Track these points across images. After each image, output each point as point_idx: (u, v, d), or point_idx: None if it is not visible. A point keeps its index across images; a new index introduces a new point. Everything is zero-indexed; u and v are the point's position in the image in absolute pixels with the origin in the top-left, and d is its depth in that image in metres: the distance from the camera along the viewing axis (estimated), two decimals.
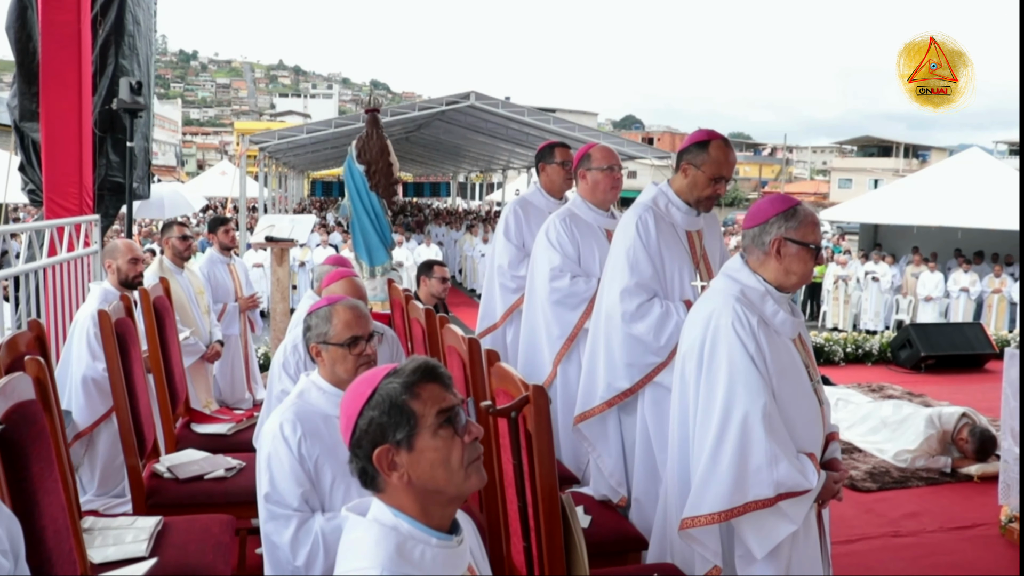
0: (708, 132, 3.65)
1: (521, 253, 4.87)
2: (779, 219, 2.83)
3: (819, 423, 2.88)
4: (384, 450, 1.66)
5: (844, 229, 32.73)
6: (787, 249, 2.81)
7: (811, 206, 3.75)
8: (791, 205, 2.87)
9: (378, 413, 1.67)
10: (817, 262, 2.88)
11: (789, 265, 2.83)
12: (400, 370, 1.73)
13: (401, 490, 1.68)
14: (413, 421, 1.67)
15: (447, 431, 1.68)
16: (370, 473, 1.69)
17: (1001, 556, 4.85)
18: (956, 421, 6.30)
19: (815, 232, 2.84)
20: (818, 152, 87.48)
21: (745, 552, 2.79)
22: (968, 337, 10.16)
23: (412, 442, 1.66)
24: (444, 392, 1.71)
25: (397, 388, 1.68)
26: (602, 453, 3.81)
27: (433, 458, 1.67)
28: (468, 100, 21.58)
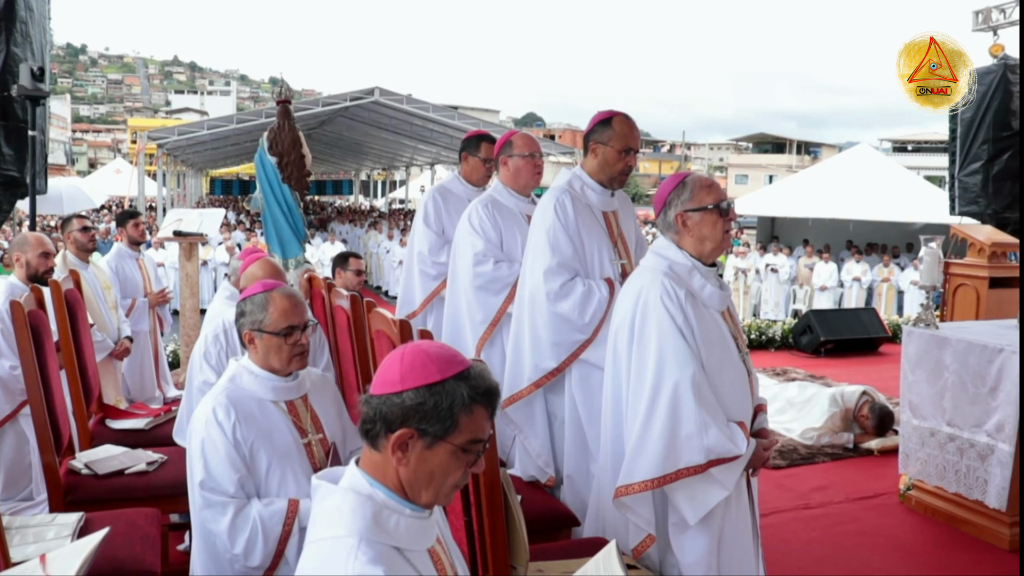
0: (609, 111, 3.77)
1: (441, 240, 4.89)
2: (673, 196, 2.97)
3: (748, 393, 3.00)
4: (408, 432, 1.65)
5: (742, 223, 33.67)
6: (691, 219, 2.93)
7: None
8: (680, 180, 3.00)
9: (432, 403, 1.66)
10: (729, 219, 2.97)
11: (700, 233, 2.94)
12: (471, 378, 1.70)
13: (391, 466, 1.68)
14: (451, 432, 1.67)
15: (466, 458, 1.70)
16: (378, 433, 1.68)
17: (901, 521, 5.12)
18: (857, 399, 6.60)
19: (710, 193, 2.94)
20: (715, 149, 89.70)
21: (678, 520, 2.88)
22: (864, 322, 10.62)
23: (434, 444, 1.67)
24: (487, 424, 1.73)
25: (463, 396, 1.67)
26: (529, 435, 3.86)
27: (437, 468, 1.68)
28: (372, 96, 21.41)
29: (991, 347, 4.72)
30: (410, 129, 26.28)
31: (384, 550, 1.61)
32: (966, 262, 9.13)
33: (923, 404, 5.11)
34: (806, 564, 4.48)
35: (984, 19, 10.98)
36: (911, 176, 22.93)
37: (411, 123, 25.06)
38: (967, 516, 4.93)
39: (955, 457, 4.94)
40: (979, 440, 4.79)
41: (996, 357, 4.69)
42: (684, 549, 2.89)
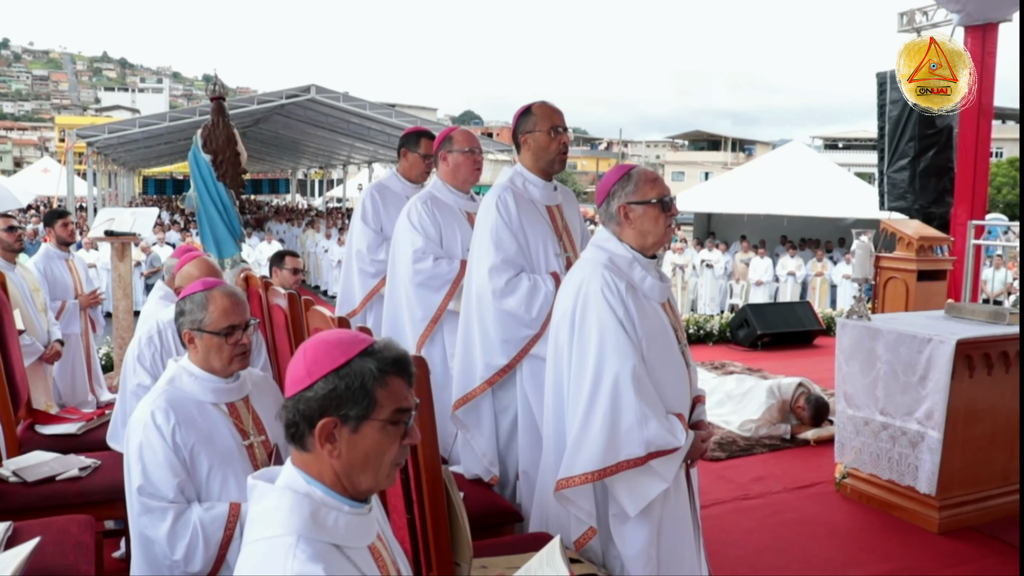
0: (525, 105, 3.80)
1: (379, 237, 4.86)
2: (618, 187, 2.99)
3: (686, 385, 3.03)
4: (330, 422, 1.63)
5: (679, 220, 34.07)
6: (633, 212, 2.95)
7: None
8: (625, 171, 3.02)
9: (344, 386, 1.63)
10: (671, 214, 3.00)
11: (642, 226, 2.96)
12: (376, 352, 1.69)
13: (324, 460, 1.65)
14: (371, 409, 1.64)
15: (395, 430, 1.67)
16: (304, 433, 1.65)
17: (837, 508, 5.23)
18: (794, 391, 6.72)
19: (655, 187, 2.97)
20: (652, 146, 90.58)
21: (619, 511, 2.90)
22: (799, 315, 10.83)
23: (360, 426, 1.64)
24: (407, 392, 1.70)
25: (371, 371, 1.65)
26: (475, 434, 3.84)
27: (370, 449, 1.65)
28: (309, 94, 21.18)
29: (921, 337, 4.85)
30: (347, 127, 26.06)
31: (323, 548, 1.58)
32: (895, 256, 9.36)
33: (857, 394, 5.23)
34: (747, 553, 4.55)
35: (909, 20, 11.28)
36: (842, 173, 23.44)
37: (348, 121, 24.86)
38: (899, 502, 5.06)
39: (888, 445, 5.06)
40: (910, 428, 4.92)
41: (925, 347, 4.82)
42: (625, 541, 2.91)
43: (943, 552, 4.62)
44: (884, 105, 11.14)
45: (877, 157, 11.48)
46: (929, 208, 10.83)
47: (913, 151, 10.81)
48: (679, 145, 71.25)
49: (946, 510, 4.88)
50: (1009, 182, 41.39)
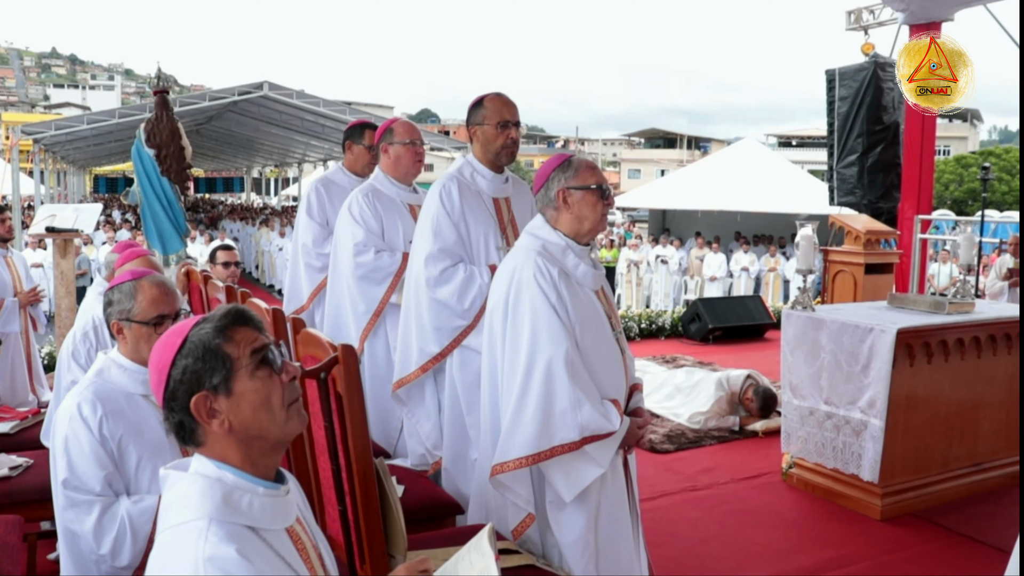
0: (479, 96, 3.79)
1: (325, 231, 4.80)
2: (557, 173, 3.00)
3: (622, 371, 3.02)
4: (201, 397, 1.61)
5: (634, 217, 34.28)
6: (572, 197, 2.96)
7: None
8: (565, 158, 3.04)
9: (192, 360, 1.62)
10: (608, 202, 3.01)
11: (579, 212, 2.97)
12: (210, 317, 1.69)
13: (223, 439, 1.63)
14: (229, 364, 1.63)
15: (264, 371, 1.66)
16: (188, 426, 1.64)
17: (783, 498, 5.28)
18: (742, 383, 6.77)
19: (593, 174, 2.99)
20: (608, 144, 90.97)
21: (555, 498, 2.89)
22: (749, 309, 10.93)
23: (230, 386, 1.62)
24: (257, 334, 1.68)
25: (209, 333, 1.64)
26: (420, 417, 3.87)
27: (253, 400, 1.63)
28: (261, 91, 20.95)
29: (863, 327, 4.90)
30: (301, 125, 25.83)
31: (237, 530, 1.55)
32: (844, 250, 9.49)
33: (802, 384, 5.28)
34: (692, 543, 4.57)
35: (856, 19, 11.44)
36: (795, 169, 23.74)
37: (302, 118, 24.63)
38: (843, 490, 5.12)
39: (832, 434, 5.11)
40: (854, 416, 4.97)
41: (867, 336, 4.87)
42: (562, 528, 2.90)
43: (884, 538, 4.68)
44: (833, 102, 11.29)
45: (827, 153, 11.64)
46: (877, 203, 11.00)
47: (861, 147, 10.98)
48: (635, 143, 71.67)
49: (888, 497, 4.94)
50: (956, 179, 42.16)
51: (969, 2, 10.29)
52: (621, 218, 32.85)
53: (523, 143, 45.59)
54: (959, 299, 5.52)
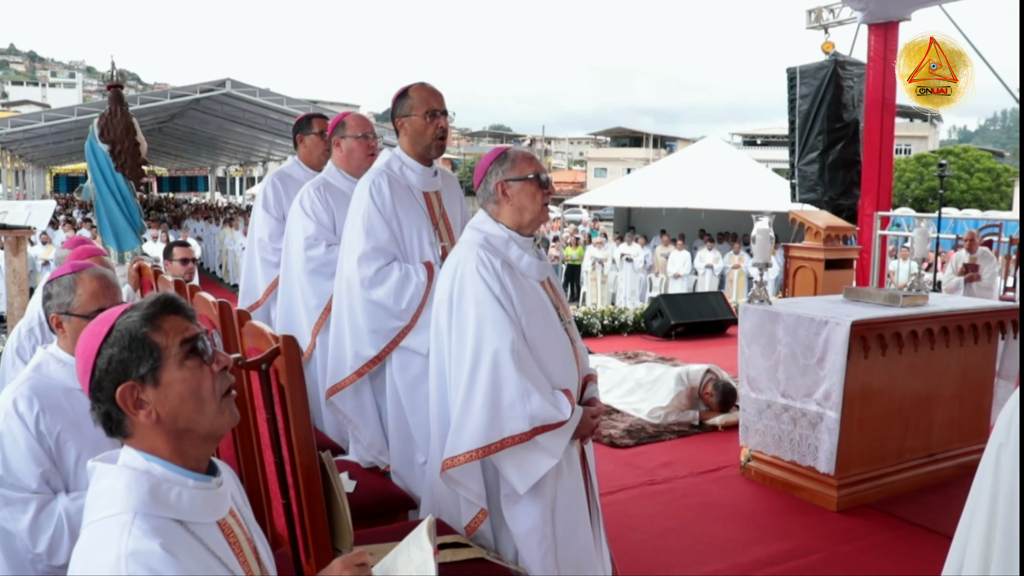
0: (402, 87, 3.72)
1: (281, 226, 4.74)
2: (494, 167, 2.97)
3: (572, 361, 3.00)
4: (128, 387, 1.56)
5: (600, 215, 34.37)
6: (511, 189, 2.94)
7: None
8: (502, 151, 3.02)
9: (118, 349, 1.57)
10: (548, 192, 3.00)
11: (519, 203, 2.95)
12: (138, 305, 1.64)
13: (151, 430, 1.59)
14: (156, 353, 1.58)
15: (194, 361, 1.61)
16: (115, 417, 1.59)
17: (741, 491, 5.30)
18: (702, 377, 6.80)
19: (531, 164, 2.97)
20: (575, 143, 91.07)
21: (510, 491, 2.86)
22: (712, 305, 10.98)
23: (157, 376, 1.58)
24: (187, 323, 1.64)
25: (136, 322, 1.59)
26: (359, 425, 3.75)
27: (182, 391, 1.59)
28: (224, 88, 20.77)
29: (818, 320, 4.93)
30: (265, 123, 25.66)
31: (162, 523, 1.51)
32: (804, 245, 9.58)
33: (759, 377, 5.30)
34: (650, 536, 4.57)
35: (816, 18, 11.56)
36: (759, 167, 23.90)
37: (266, 116, 24.48)
38: (801, 482, 5.15)
39: (789, 426, 5.14)
40: (810, 409, 5.01)
41: (823, 329, 4.91)
42: (516, 520, 2.88)
43: (840, 529, 4.71)
44: (794, 100, 11.40)
45: (788, 151, 11.74)
46: (838, 200, 11.12)
47: (822, 144, 11.09)
48: (602, 142, 71.80)
49: (844, 488, 4.98)
50: (916, 178, 42.72)
51: (925, 2, 10.43)
52: (587, 216, 32.93)
53: (488, 142, 45.50)
54: (913, 292, 5.57)
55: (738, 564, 4.27)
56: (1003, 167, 48.21)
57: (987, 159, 46.53)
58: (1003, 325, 5.71)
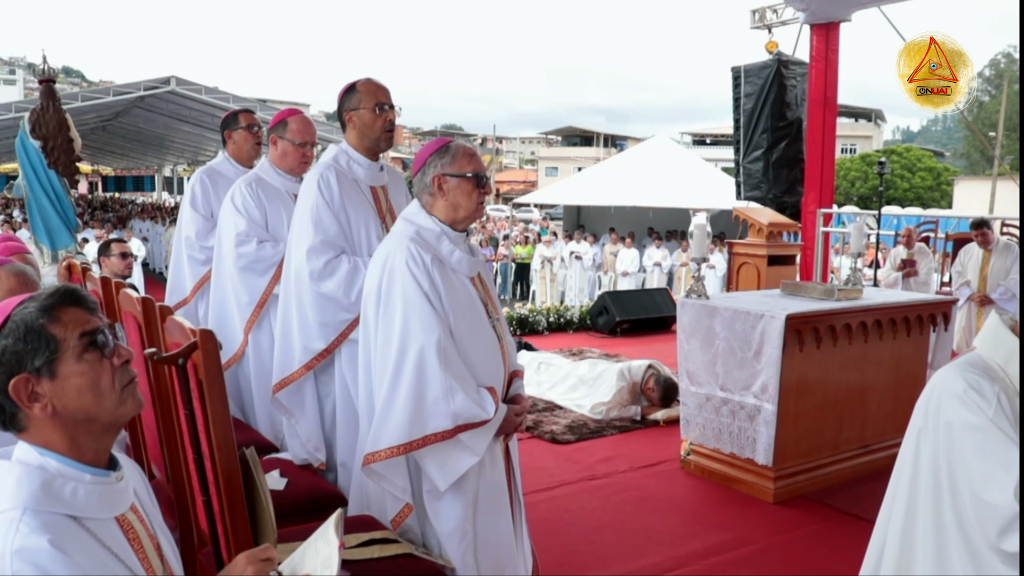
0: (349, 82, 3.70)
1: (210, 223, 4.67)
2: (434, 158, 2.93)
3: (499, 359, 2.98)
4: (22, 380, 1.51)
5: (551, 214, 34.47)
6: (448, 184, 2.91)
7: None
8: (444, 144, 2.98)
9: (12, 341, 1.53)
10: (484, 191, 2.98)
11: (454, 199, 2.92)
12: (36, 296, 1.59)
13: (46, 424, 1.54)
14: (53, 346, 1.54)
15: (93, 355, 1.57)
16: (8, 410, 1.54)
17: (680, 484, 5.34)
18: (643, 372, 6.84)
19: (471, 162, 2.94)
20: (526, 142, 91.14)
21: (432, 487, 2.84)
22: (657, 302, 11.06)
23: (54, 368, 1.53)
24: (87, 315, 1.59)
25: (33, 313, 1.55)
26: (300, 420, 3.71)
27: (80, 384, 1.55)
28: (169, 85, 20.45)
29: (754, 313, 4.98)
30: (212, 122, 25.25)
31: (54, 519, 1.47)
32: (748, 242, 9.69)
33: (698, 371, 5.34)
34: (588, 531, 4.58)
35: (760, 18, 11.68)
36: (707, 166, 24.16)
37: (213, 115, 24.11)
38: (739, 475, 5.20)
39: (728, 419, 5.19)
40: (748, 402, 5.06)
41: (759, 323, 4.95)
42: (440, 518, 2.86)
43: (777, 520, 4.77)
44: (739, 98, 11.51)
45: (734, 149, 11.85)
46: (782, 197, 11.24)
47: (766, 143, 11.20)
48: (553, 141, 71.96)
49: (781, 480, 5.04)
50: (861, 176, 43.46)
51: (864, 4, 10.60)
52: (537, 215, 33.00)
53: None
54: (849, 286, 5.65)
55: (675, 556, 4.29)
56: (943, 166, 49.31)
57: (929, 159, 47.51)
58: (934, 318, 5.83)
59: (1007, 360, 2.32)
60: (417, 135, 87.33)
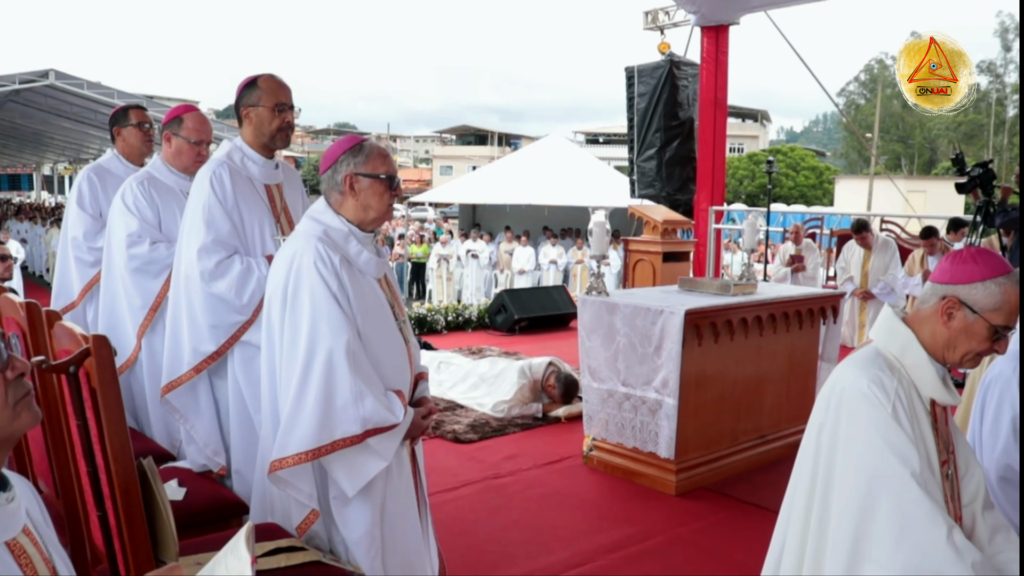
0: (251, 76, 3.60)
1: (98, 224, 4.47)
2: (347, 156, 2.86)
3: (406, 361, 2.94)
4: None
5: (446, 213, 34.39)
6: (359, 184, 2.84)
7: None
8: (357, 142, 2.91)
9: None
10: (395, 193, 2.93)
11: (365, 200, 2.86)
12: None
13: None
14: None
15: None
16: None
17: (584, 480, 5.38)
18: (544, 370, 6.87)
19: (384, 163, 2.88)
20: (420, 141, 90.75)
21: (339, 493, 2.78)
22: (555, 299, 11.14)
23: None
24: None
25: None
26: (195, 423, 3.59)
27: None
28: (47, 79, 19.57)
29: (654, 309, 5.06)
30: (95, 118, 24.33)
31: None
32: (643, 239, 9.85)
33: (600, 367, 5.39)
34: (494, 529, 4.57)
35: (653, 19, 11.90)
36: (600, 165, 24.50)
37: (96, 111, 23.21)
38: (641, 469, 5.27)
39: (631, 414, 5.25)
40: (649, 396, 5.13)
41: (658, 319, 5.03)
42: (348, 524, 2.80)
43: (679, 511, 4.85)
44: (632, 98, 11.69)
45: (628, 148, 12.04)
46: (675, 195, 11.48)
47: (659, 142, 11.42)
48: (447, 140, 71.86)
49: (682, 472, 5.13)
50: (749, 175, 44.83)
51: (751, 8, 10.92)
52: (433, 214, 32.89)
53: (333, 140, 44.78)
54: (744, 282, 5.80)
55: (581, 552, 4.31)
56: (825, 165, 51.33)
57: (811, 158, 49.37)
58: (824, 311, 6.04)
59: (902, 351, 2.41)
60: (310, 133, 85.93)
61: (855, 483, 2.27)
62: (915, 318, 2.45)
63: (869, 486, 2.25)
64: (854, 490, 2.27)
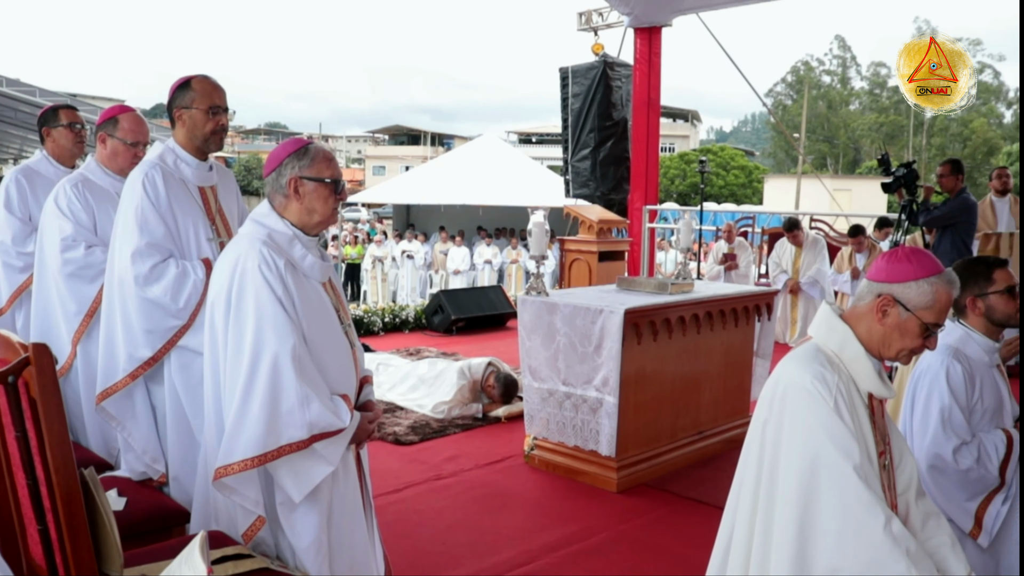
0: (185, 77, 3.55)
1: (28, 228, 4.36)
2: (292, 159, 2.84)
3: (351, 365, 2.93)
4: None
5: (380, 213, 34.20)
6: (304, 188, 2.82)
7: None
8: (303, 145, 2.89)
9: None
10: (340, 197, 2.91)
11: (310, 204, 2.84)
12: None
13: None
14: None
15: None
16: None
17: (526, 479, 5.41)
18: (483, 370, 6.88)
19: (329, 167, 2.87)
20: (353, 141, 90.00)
21: (285, 499, 2.75)
22: (491, 299, 11.16)
23: None
24: None
25: None
26: (132, 431, 3.52)
27: None
28: None
29: (593, 309, 5.11)
30: (15, 116, 23.58)
31: None
32: (579, 239, 9.92)
33: (540, 367, 5.42)
34: (438, 531, 4.56)
35: (586, 20, 11.98)
36: (534, 165, 24.63)
37: (16, 109, 22.52)
38: (583, 467, 5.31)
39: (572, 413, 5.29)
40: (590, 395, 5.17)
41: (598, 318, 5.08)
42: (295, 530, 2.77)
43: (621, 508, 4.90)
44: (567, 99, 11.77)
45: (562, 148, 12.12)
46: (610, 195, 11.59)
47: (593, 142, 11.50)
48: (380, 140, 71.48)
49: (623, 470, 5.19)
50: (680, 174, 45.50)
51: (683, 10, 11.07)
52: (366, 215, 32.68)
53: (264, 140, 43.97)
54: (680, 280, 5.89)
55: (526, 551, 4.34)
56: (754, 165, 52.36)
57: (741, 157, 50.33)
58: (759, 308, 6.17)
59: (841, 347, 2.49)
60: (240, 133, 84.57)
61: (799, 476, 2.33)
62: (852, 315, 2.53)
63: (812, 478, 2.31)
64: (798, 483, 2.33)
